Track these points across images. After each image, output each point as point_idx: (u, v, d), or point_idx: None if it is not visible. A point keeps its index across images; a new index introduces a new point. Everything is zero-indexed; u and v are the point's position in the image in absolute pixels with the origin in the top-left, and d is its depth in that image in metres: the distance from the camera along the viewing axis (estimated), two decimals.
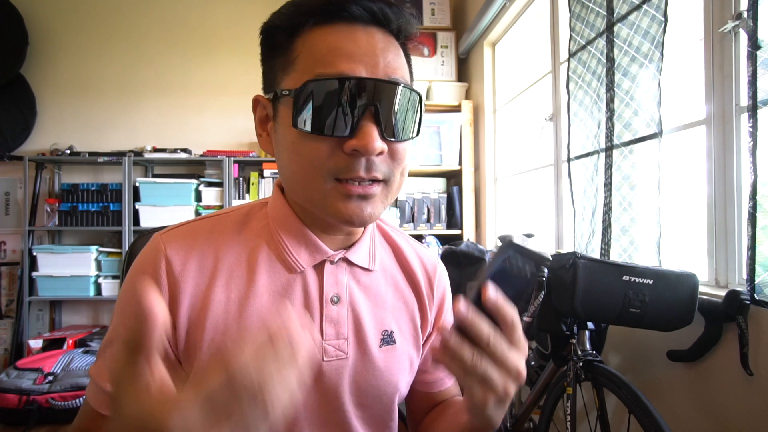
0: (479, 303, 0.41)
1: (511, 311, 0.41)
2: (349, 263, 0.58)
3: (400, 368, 0.60)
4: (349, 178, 0.48)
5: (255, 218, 0.59)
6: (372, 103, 0.47)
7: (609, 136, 1.38)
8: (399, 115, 0.49)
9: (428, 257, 0.69)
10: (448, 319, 0.69)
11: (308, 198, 0.51)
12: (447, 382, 0.70)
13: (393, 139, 0.49)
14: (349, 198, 0.49)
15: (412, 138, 0.52)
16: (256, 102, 0.56)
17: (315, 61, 0.48)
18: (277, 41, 0.52)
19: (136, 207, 2.80)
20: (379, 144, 0.47)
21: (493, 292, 0.41)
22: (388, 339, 0.59)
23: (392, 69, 0.49)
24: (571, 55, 1.61)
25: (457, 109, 2.69)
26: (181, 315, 0.51)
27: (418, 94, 0.51)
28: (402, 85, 0.49)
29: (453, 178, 2.87)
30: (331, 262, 0.57)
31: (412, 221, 2.73)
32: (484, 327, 0.40)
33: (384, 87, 0.47)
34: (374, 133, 0.46)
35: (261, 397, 0.31)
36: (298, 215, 0.56)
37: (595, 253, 1.44)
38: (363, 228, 0.60)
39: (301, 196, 0.52)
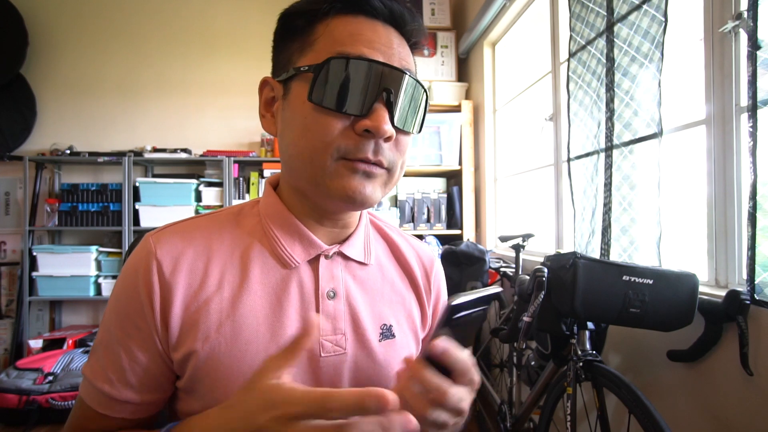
0: (430, 357, 0.44)
1: (460, 358, 0.44)
2: (345, 257, 0.58)
3: (400, 362, 0.59)
4: (356, 159, 0.49)
5: (247, 216, 0.59)
6: (387, 88, 0.49)
7: (609, 136, 1.38)
8: (408, 106, 0.51)
9: (424, 251, 0.69)
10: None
11: (311, 176, 0.51)
12: None
13: (401, 129, 0.51)
14: (354, 173, 0.49)
15: (415, 133, 0.54)
16: (264, 83, 0.57)
17: (336, 42, 0.49)
18: (296, 25, 0.53)
19: (136, 207, 2.80)
20: (389, 128, 0.48)
21: (440, 345, 0.43)
22: (387, 333, 0.59)
23: (406, 63, 0.52)
24: (571, 55, 1.61)
25: (457, 109, 2.69)
26: (174, 316, 0.51)
27: (426, 92, 0.54)
28: (416, 78, 0.52)
29: (453, 178, 2.87)
30: (326, 257, 0.57)
31: (412, 221, 2.73)
32: (431, 380, 0.43)
33: (400, 76, 0.49)
34: (386, 116, 0.48)
35: None
36: (291, 210, 0.56)
37: (595, 253, 1.44)
38: (356, 222, 0.61)
39: (304, 175, 0.52)
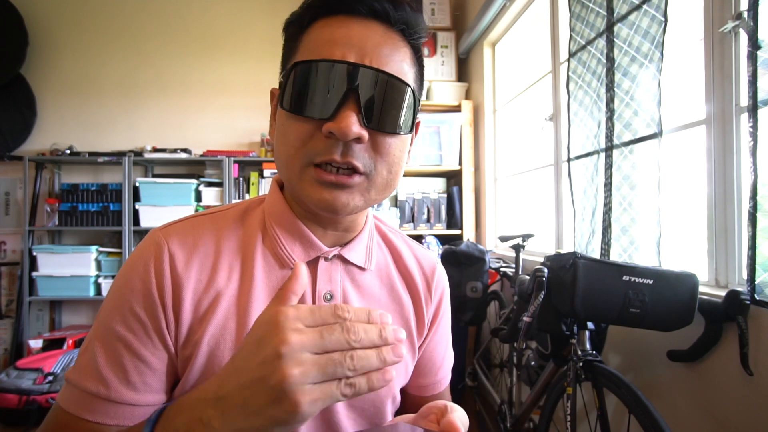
0: None
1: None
2: (344, 261, 0.58)
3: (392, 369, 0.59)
4: (324, 162, 0.48)
5: (252, 214, 0.59)
6: (353, 87, 0.47)
7: (609, 136, 1.38)
8: (384, 105, 0.48)
9: (426, 259, 0.68)
10: (444, 322, 0.68)
11: (289, 181, 0.52)
12: (441, 386, 0.69)
13: (375, 129, 0.48)
14: (322, 184, 0.49)
15: (401, 133, 0.50)
16: (272, 94, 0.58)
17: (310, 49, 0.49)
18: (290, 33, 0.54)
19: (136, 207, 2.80)
20: (356, 129, 0.46)
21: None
22: None
23: (384, 61, 0.48)
24: (571, 55, 1.61)
25: (457, 109, 2.69)
26: (185, 310, 0.50)
27: (411, 89, 0.50)
28: (389, 74, 0.48)
29: (453, 178, 2.87)
30: (326, 259, 0.57)
31: (412, 221, 2.73)
32: None
33: (368, 73, 0.47)
34: (352, 117, 0.46)
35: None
36: (294, 210, 0.56)
37: (595, 253, 1.44)
38: (361, 226, 0.60)
39: (286, 181, 0.53)
